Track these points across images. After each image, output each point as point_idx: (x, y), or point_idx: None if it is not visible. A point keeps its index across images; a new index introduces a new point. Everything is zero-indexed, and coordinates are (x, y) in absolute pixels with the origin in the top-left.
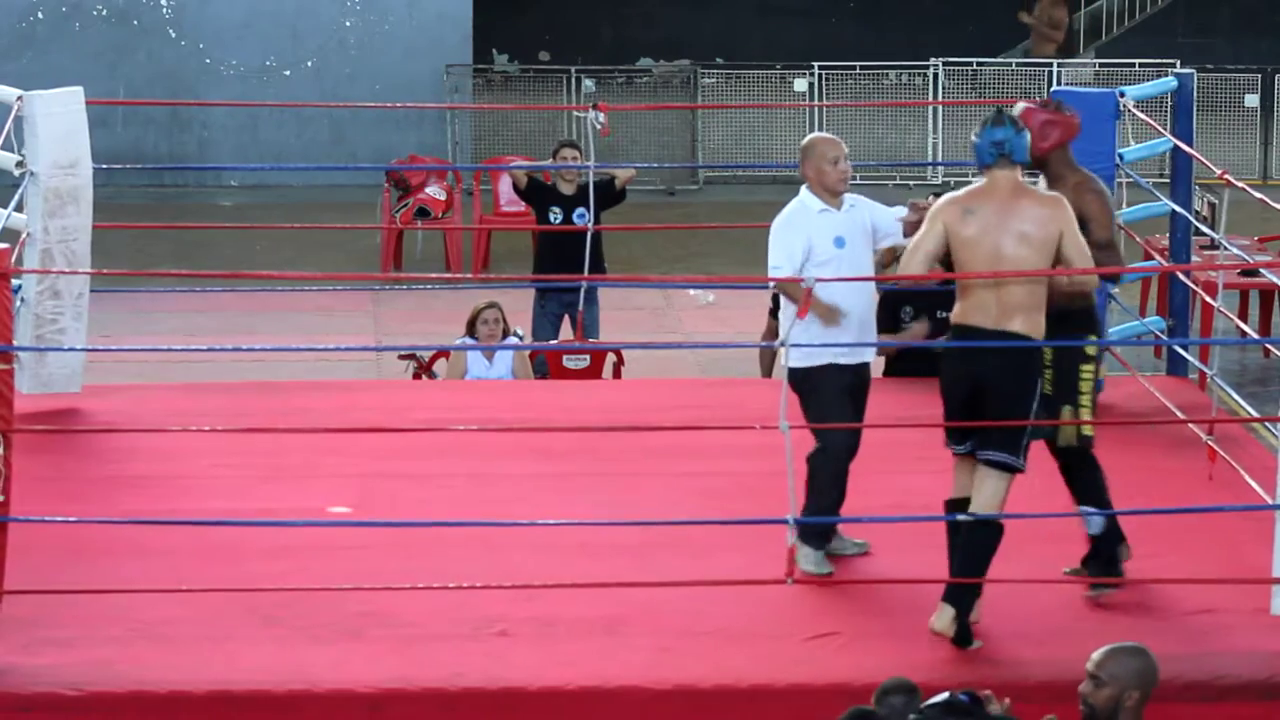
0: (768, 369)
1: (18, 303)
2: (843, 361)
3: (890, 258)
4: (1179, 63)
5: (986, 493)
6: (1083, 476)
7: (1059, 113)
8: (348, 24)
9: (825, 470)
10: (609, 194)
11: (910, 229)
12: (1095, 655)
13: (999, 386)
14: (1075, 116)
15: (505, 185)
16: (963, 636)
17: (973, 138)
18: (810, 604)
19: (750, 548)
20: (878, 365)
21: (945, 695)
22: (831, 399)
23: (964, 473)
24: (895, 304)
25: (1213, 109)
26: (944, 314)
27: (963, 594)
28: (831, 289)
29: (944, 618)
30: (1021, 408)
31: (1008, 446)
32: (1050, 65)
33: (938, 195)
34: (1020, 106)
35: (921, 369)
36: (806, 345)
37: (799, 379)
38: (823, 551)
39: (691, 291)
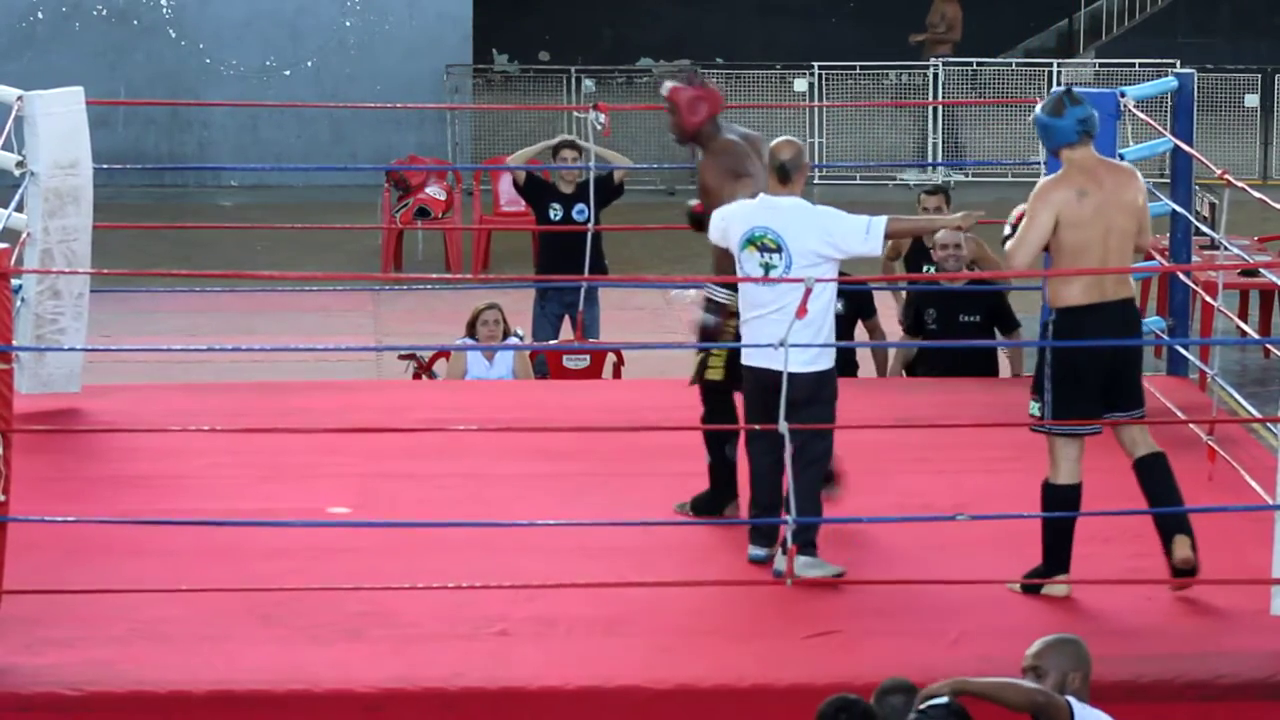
0: None
1: (18, 303)
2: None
3: (894, 253)
4: (1179, 63)
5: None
6: (718, 416)
7: (705, 88)
8: (348, 24)
9: (816, 480)
10: (608, 188)
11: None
12: (1029, 651)
13: (1130, 352)
14: (718, 90)
15: (505, 185)
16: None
17: (1042, 117)
18: (810, 604)
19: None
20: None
21: (944, 701)
22: (833, 407)
23: (1076, 454)
24: (919, 307)
25: (1213, 109)
26: (967, 317)
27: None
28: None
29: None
30: (1140, 364)
31: (1143, 400)
32: (1050, 65)
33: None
34: (667, 85)
35: (938, 370)
36: (806, 345)
37: (811, 383)
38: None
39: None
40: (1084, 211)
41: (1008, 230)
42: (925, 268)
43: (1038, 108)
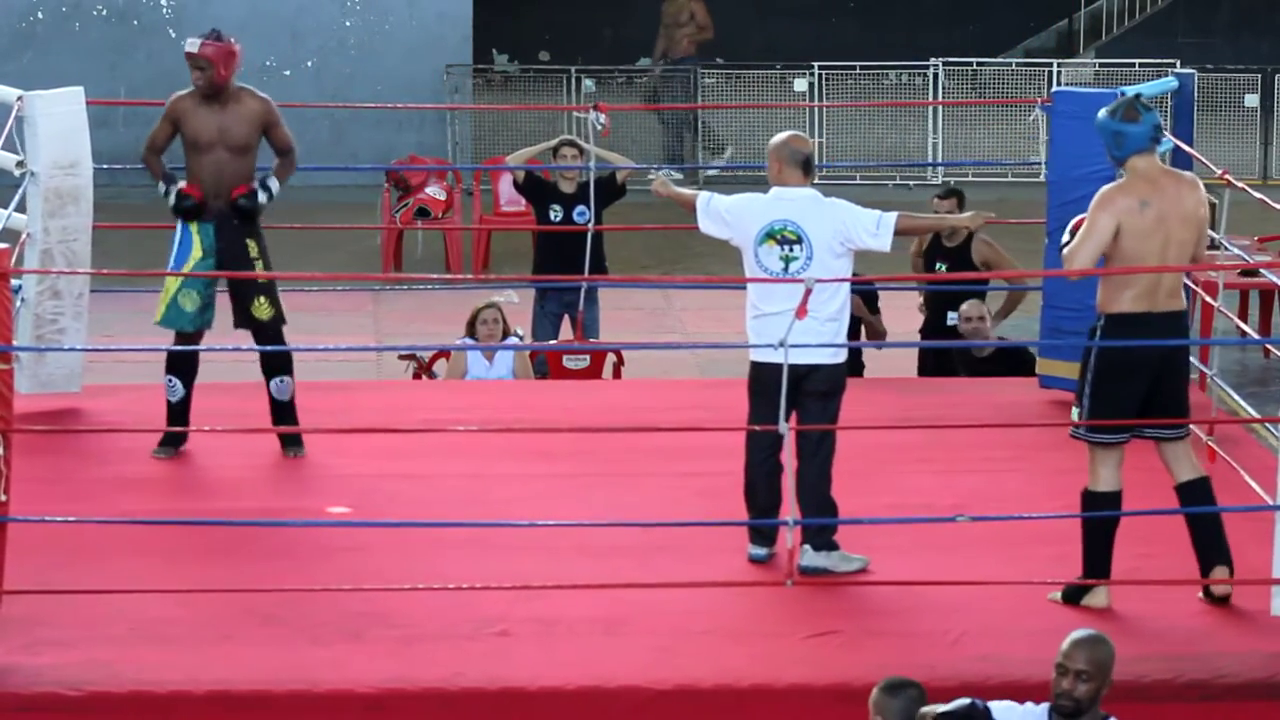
0: None
1: (18, 303)
2: None
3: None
4: (1179, 63)
5: (1194, 458)
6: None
7: (232, 44)
8: (348, 24)
9: (830, 473)
10: (610, 189)
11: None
12: (1068, 649)
13: (1178, 366)
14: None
15: (505, 185)
16: None
17: (1114, 124)
18: (810, 604)
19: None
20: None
21: (967, 701)
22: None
23: (1115, 462)
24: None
25: (1213, 109)
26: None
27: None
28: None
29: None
30: (1187, 380)
31: (1186, 415)
32: (1050, 65)
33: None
34: (196, 43)
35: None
36: (804, 345)
37: (839, 374)
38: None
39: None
40: (1145, 222)
41: (1066, 237)
42: (938, 266)
43: (1102, 113)
